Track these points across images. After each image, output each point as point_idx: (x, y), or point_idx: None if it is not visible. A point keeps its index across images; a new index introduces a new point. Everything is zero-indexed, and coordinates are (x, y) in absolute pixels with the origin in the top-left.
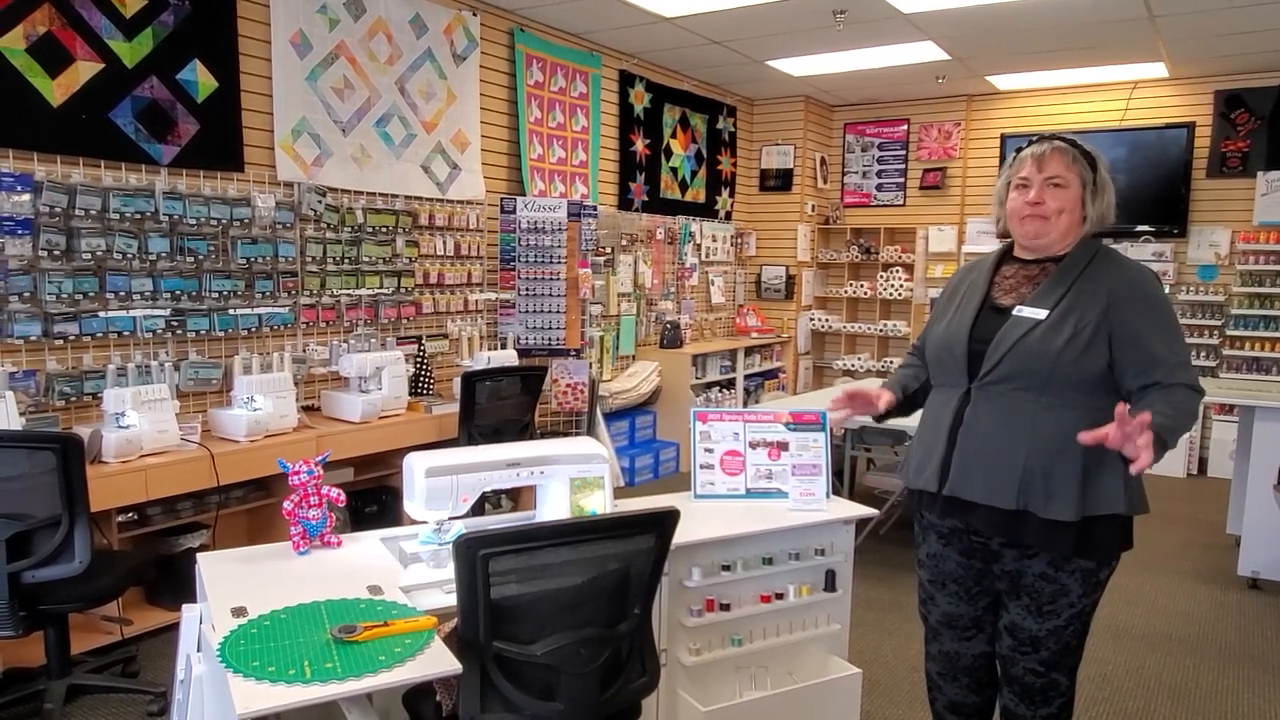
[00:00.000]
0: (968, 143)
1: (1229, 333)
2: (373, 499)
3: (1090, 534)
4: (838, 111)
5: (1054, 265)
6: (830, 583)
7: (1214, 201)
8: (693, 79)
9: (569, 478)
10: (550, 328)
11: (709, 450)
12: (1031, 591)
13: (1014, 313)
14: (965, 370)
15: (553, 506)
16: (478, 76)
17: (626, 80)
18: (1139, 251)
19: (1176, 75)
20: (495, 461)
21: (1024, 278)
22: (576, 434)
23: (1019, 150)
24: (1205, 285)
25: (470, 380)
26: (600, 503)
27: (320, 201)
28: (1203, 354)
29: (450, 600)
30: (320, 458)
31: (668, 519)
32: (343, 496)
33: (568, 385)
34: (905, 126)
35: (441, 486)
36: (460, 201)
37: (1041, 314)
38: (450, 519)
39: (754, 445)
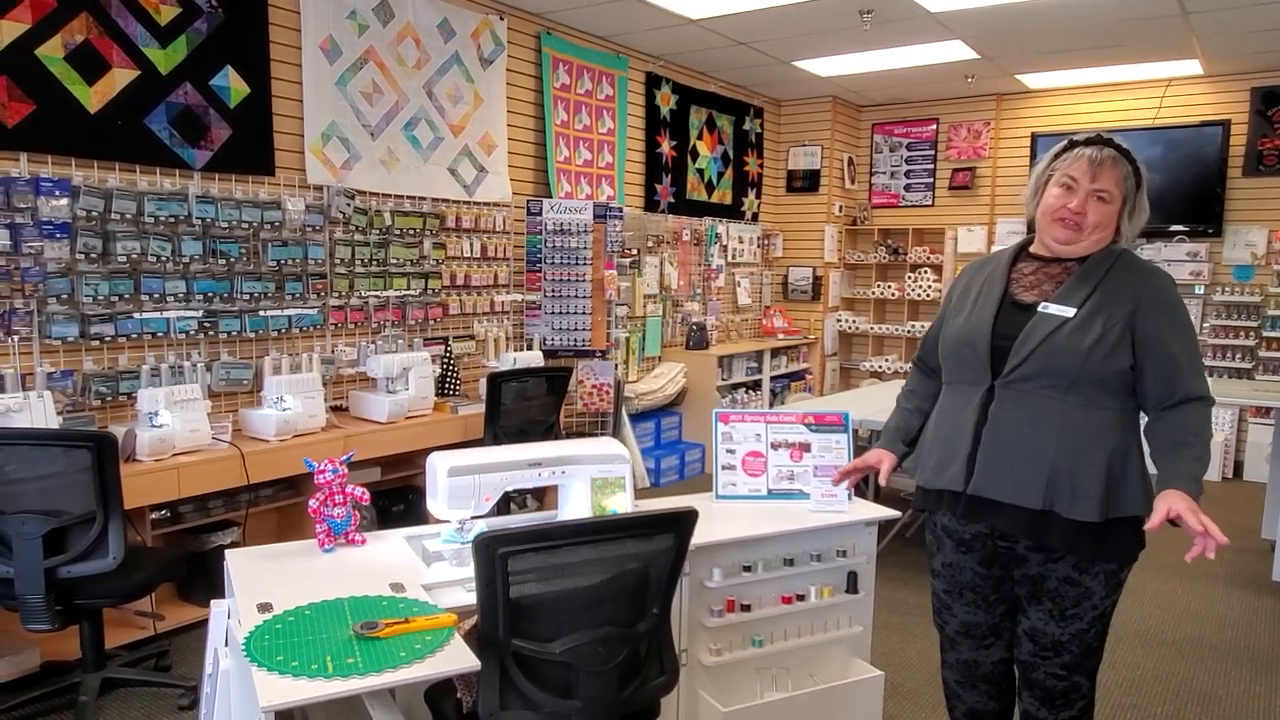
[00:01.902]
0: (997, 142)
1: (1265, 334)
2: (399, 498)
3: (1111, 536)
4: (865, 112)
5: (1076, 264)
6: (852, 584)
7: (1250, 200)
8: (719, 80)
9: (590, 478)
10: (576, 329)
11: (730, 451)
12: (1055, 596)
13: (1040, 309)
14: (988, 366)
15: (574, 506)
16: (504, 80)
17: (653, 82)
18: (1173, 251)
19: (1211, 72)
20: (517, 461)
21: (1046, 275)
22: (602, 435)
23: (1073, 144)
24: (1241, 286)
25: (496, 381)
26: (621, 503)
27: (349, 204)
28: (1238, 355)
29: (471, 598)
30: (345, 457)
31: (686, 519)
32: (367, 495)
33: (593, 386)
34: (934, 126)
35: (464, 486)
36: (487, 204)
37: (1069, 312)
38: (473, 518)
39: (776, 446)
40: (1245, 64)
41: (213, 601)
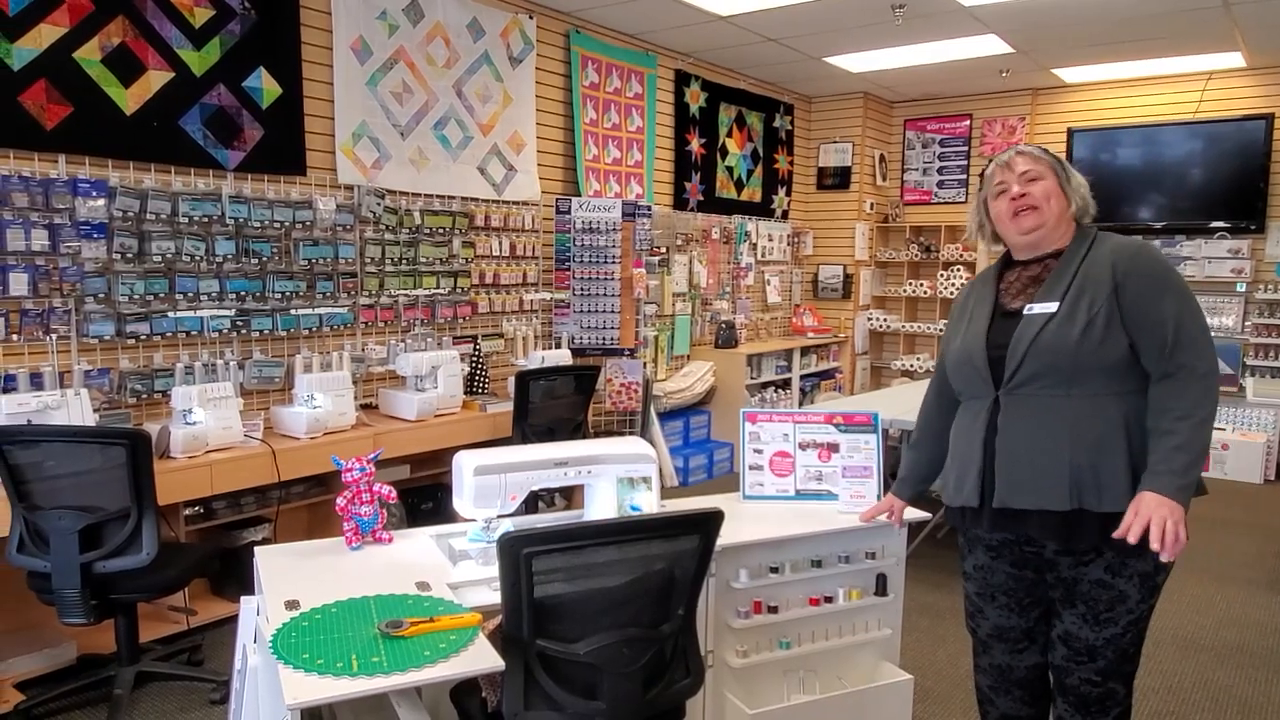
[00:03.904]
0: (1032, 138)
1: None
2: (428, 496)
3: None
4: (897, 108)
5: (1054, 260)
6: (881, 587)
7: None
8: (749, 77)
9: (616, 477)
10: (605, 327)
11: (758, 451)
12: (1088, 599)
13: (1025, 311)
14: (989, 378)
15: (600, 506)
16: (533, 78)
17: (682, 80)
18: (1213, 248)
19: (1254, 65)
20: (543, 461)
21: (1029, 278)
22: (630, 433)
23: (980, 174)
24: None
25: (524, 379)
26: (648, 502)
27: (379, 204)
28: None
29: (497, 597)
30: (372, 455)
31: (712, 520)
32: (394, 493)
33: (622, 385)
34: (967, 122)
35: (490, 485)
36: (516, 202)
37: (1052, 306)
38: (499, 517)
39: (804, 446)
40: None
41: (242, 598)
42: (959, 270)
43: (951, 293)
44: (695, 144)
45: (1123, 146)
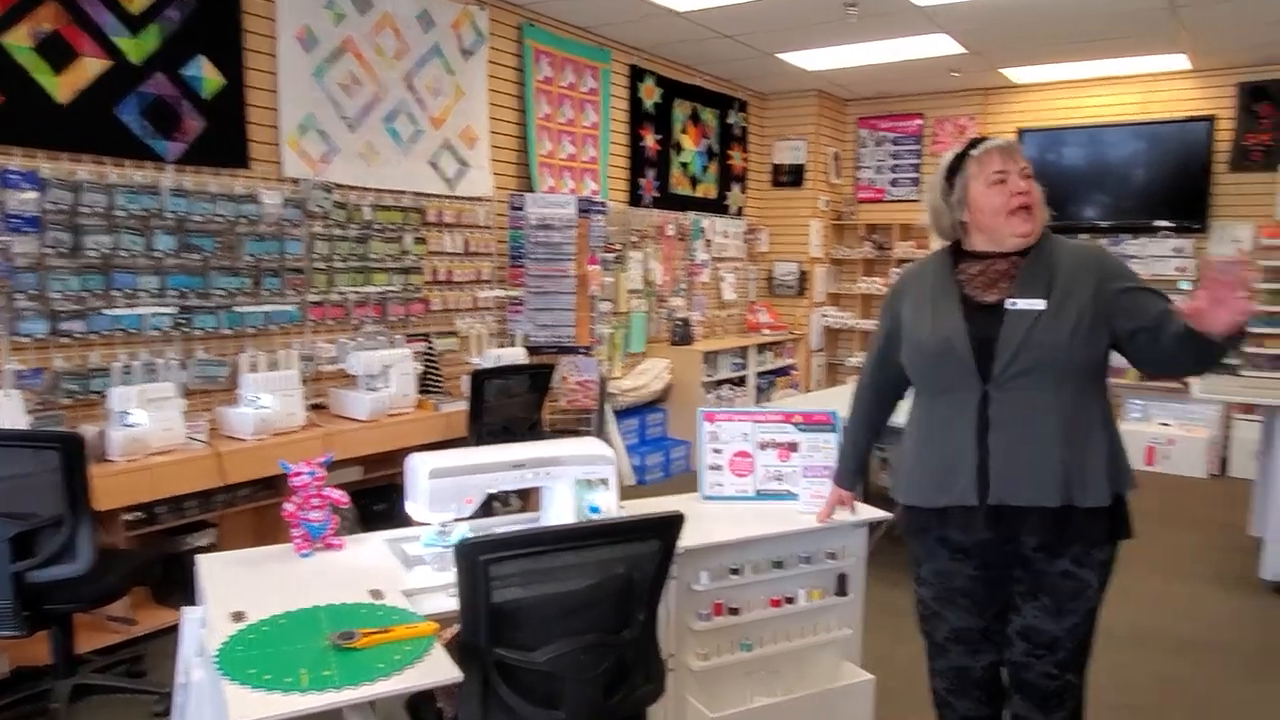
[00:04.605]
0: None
1: (1251, 330)
2: (382, 497)
3: (1115, 516)
4: (850, 106)
5: (1018, 258)
6: (842, 587)
7: (1236, 196)
8: (704, 73)
9: (575, 479)
10: (560, 325)
11: (717, 451)
12: (1053, 591)
13: (1008, 306)
14: (975, 371)
15: (558, 508)
16: (486, 72)
17: (637, 75)
18: (1158, 246)
19: (1199, 67)
20: (500, 463)
21: (996, 273)
22: (586, 432)
23: (969, 152)
24: None
25: (479, 378)
26: (607, 504)
27: (327, 198)
28: None
29: (454, 604)
30: (323, 459)
31: (672, 523)
32: (346, 498)
33: (577, 383)
34: (920, 121)
35: (445, 488)
36: (469, 198)
37: (1039, 303)
38: (455, 520)
39: (763, 446)
40: (1233, 58)
41: (184, 609)
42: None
43: None
44: (650, 140)
45: (1071, 146)
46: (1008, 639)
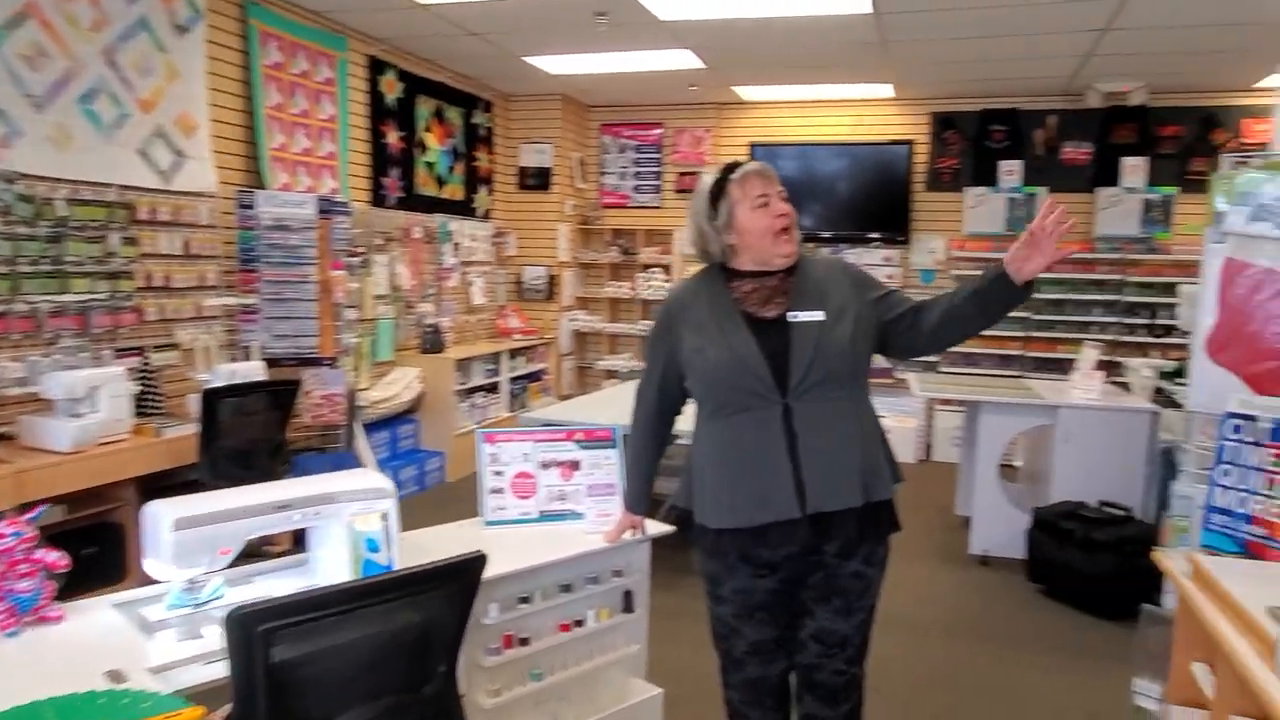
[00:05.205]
0: (718, 149)
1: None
2: (92, 539)
3: (891, 508)
4: (594, 112)
5: (784, 274)
6: (628, 603)
7: (931, 212)
8: (448, 70)
9: (350, 516)
10: (301, 335)
11: (498, 473)
12: (844, 592)
13: (790, 319)
14: (775, 386)
15: (332, 550)
16: (204, 52)
17: (376, 68)
18: (870, 256)
19: (901, 96)
20: (261, 505)
21: (769, 289)
22: (335, 449)
23: (729, 176)
24: (926, 288)
25: (211, 397)
26: (387, 541)
27: (8, 190)
28: None
29: (215, 673)
30: (31, 515)
31: (473, 566)
32: (64, 559)
33: (323, 397)
34: (659, 130)
35: (194, 540)
36: (189, 194)
37: (819, 315)
38: (206, 573)
39: (545, 465)
40: (928, 90)
41: None
42: (657, 272)
43: (651, 294)
44: (393, 137)
45: (795, 162)
46: (799, 643)
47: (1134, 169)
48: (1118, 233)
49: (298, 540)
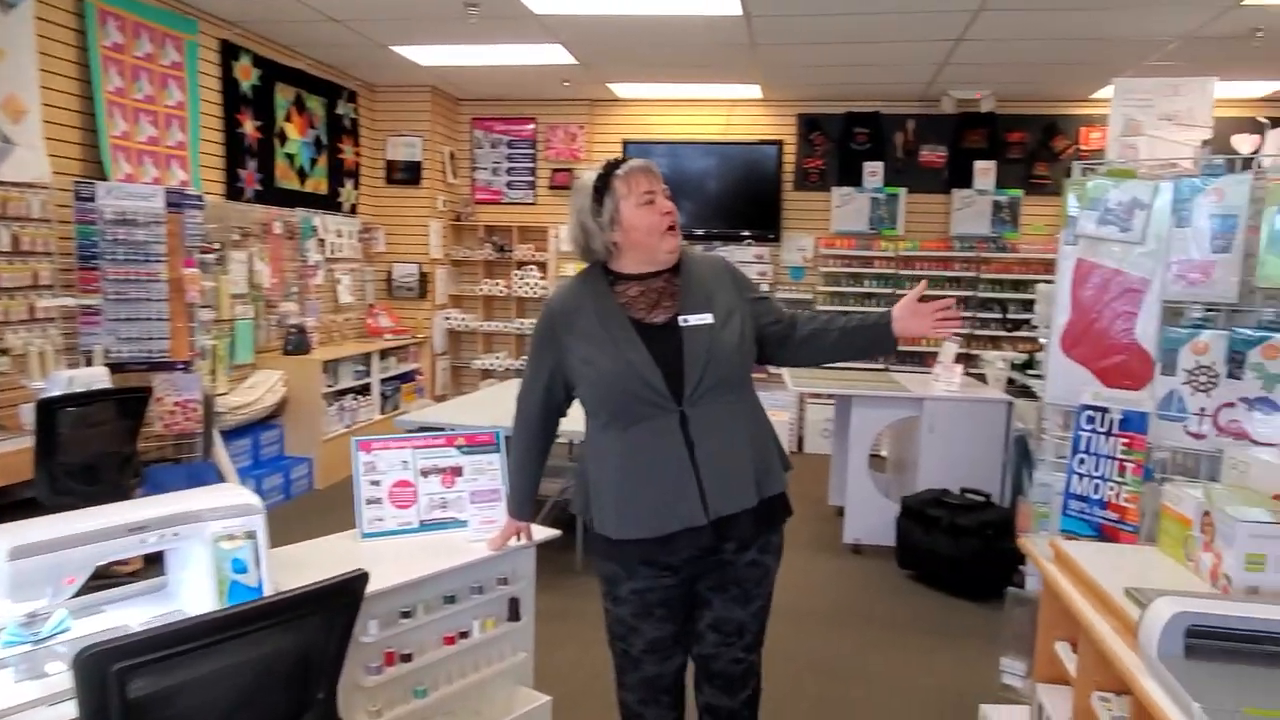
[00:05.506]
0: (591, 146)
1: None
2: None
3: (784, 498)
4: (464, 105)
5: (670, 274)
6: (514, 611)
7: (800, 211)
8: (308, 57)
9: (213, 536)
10: (149, 337)
11: (375, 483)
12: (741, 581)
13: (680, 323)
14: (669, 394)
15: (193, 573)
16: (34, 30)
17: (230, 52)
18: (743, 254)
19: (769, 98)
20: (110, 529)
21: (656, 291)
22: (191, 458)
23: (614, 172)
24: (796, 284)
25: (48, 407)
26: (255, 561)
27: None
28: None
29: (62, 715)
30: None
31: (353, 586)
32: None
33: (176, 404)
34: (532, 126)
35: (34, 570)
36: (17, 184)
37: (707, 318)
38: (49, 604)
39: (425, 473)
40: (796, 93)
41: None
42: (532, 270)
43: (528, 291)
44: (249, 126)
45: (668, 160)
46: (697, 634)
47: (984, 172)
48: (971, 232)
49: (151, 559)
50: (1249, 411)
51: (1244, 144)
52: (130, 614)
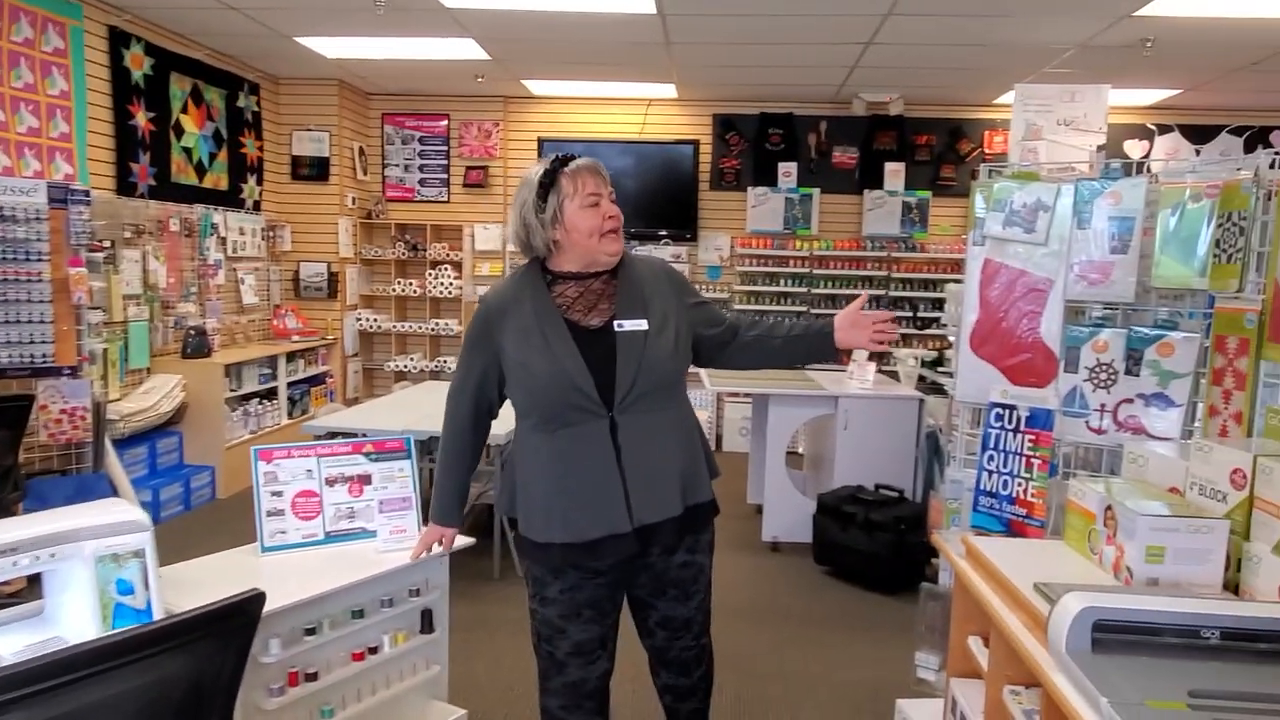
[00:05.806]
0: (506, 143)
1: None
2: None
3: (713, 503)
4: (375, 100)
5: (607, 276)
6: (427, 623)
7: (717, 211)
8: (205, 47)
9: (95, 556)
10: (32, 341)
11: (277, 494)
12: (677, 582)
13: (616, 328)
14: (600, 401)
15: (73, 597)
16: None
17: (119, 39)
18: (661, 253)
19: (684, 97)
20: None
21: (592, 293)
22: (80, 469)
23: (561, 169)
24: (713, 284)
25: None
26: (143, 582)
27: None
28: None
29: None
30: None
31: (249, 607)
32: None
33: (63, 411)
34: (445, 122)
35: None
36: None
37: (643, 324)
38: None
39: (331, 482)
40: (711, 92)
41: None
42: (447, 269)
43: (442, 291)
44: (142, 118)
45: (583, 158)
46: (647, 630)
47: (894, 173)
48: (882, 232)
49: (36, 578)
50: (1146, 407)
51: (1135, 149)
52: (3, 642)
